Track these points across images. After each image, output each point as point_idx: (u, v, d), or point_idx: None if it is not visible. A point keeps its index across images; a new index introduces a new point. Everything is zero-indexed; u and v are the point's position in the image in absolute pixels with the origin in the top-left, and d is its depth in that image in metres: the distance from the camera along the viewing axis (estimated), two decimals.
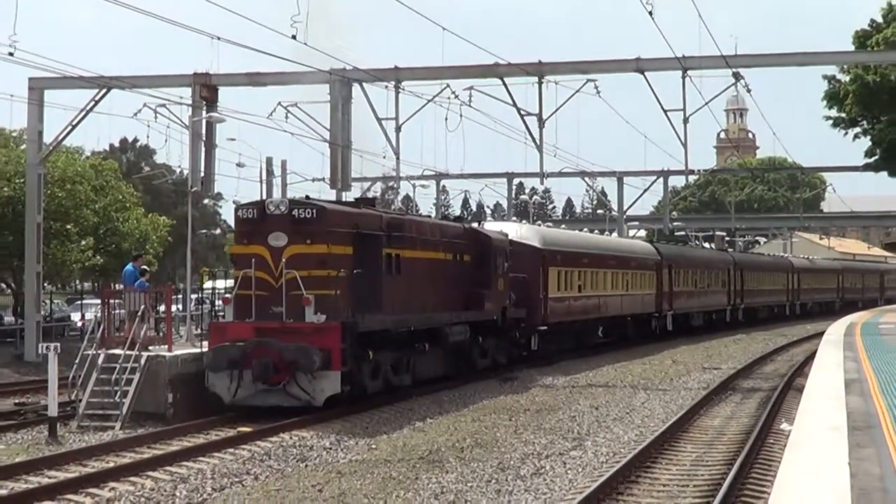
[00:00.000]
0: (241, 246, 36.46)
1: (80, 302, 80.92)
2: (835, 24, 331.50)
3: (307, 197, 39.19)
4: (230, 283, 40.72)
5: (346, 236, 35.77)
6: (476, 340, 45.46)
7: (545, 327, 53.74)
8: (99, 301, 46.46)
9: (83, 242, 67.79)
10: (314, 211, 35.18)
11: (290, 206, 35.27)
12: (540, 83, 52.20)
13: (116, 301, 40.58)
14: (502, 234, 50.52)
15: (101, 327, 37.81)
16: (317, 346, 33.00)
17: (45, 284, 65.16)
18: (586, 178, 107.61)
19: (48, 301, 71.75)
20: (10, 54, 40.92)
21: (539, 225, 71.80)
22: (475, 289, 45.24)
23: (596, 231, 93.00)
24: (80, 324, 68.35)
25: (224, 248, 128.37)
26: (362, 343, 35.56)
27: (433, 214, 54.16)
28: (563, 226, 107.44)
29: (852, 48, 76.24)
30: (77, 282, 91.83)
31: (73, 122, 56.77)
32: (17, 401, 41.36)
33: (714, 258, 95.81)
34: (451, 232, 46.06)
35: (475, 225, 52.07)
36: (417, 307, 40.49)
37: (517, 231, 55.66)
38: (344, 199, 45.31)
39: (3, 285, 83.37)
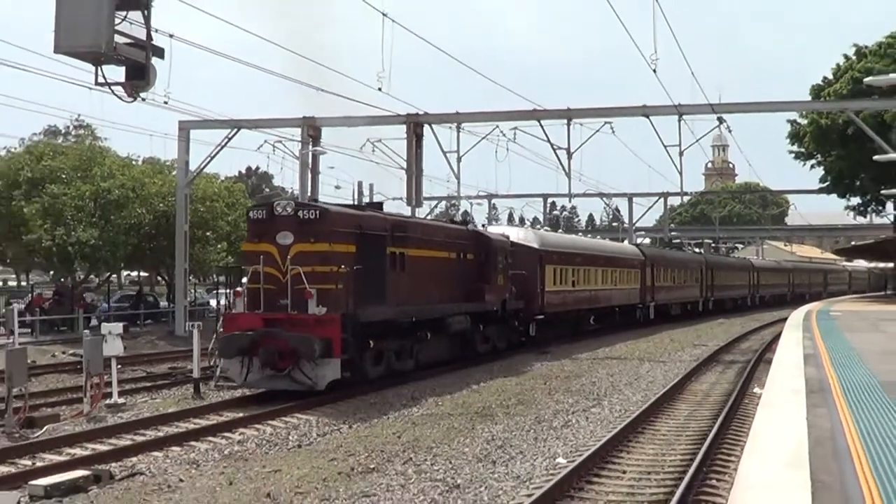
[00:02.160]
0: (252, 244, 32.49)
1: (216, 291, 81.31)
2: (796, 79, 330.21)
3: (314, 200, 37.88)
4: None
5: (348, 236, 32.17)
6: (478, 328, 42.34)
7: (542, 316, 51.35)
8: (231, 291, 46.44)
9: (218, 246, 68.44)
10: (317, 212, 31.67)
11: (296, 207, 31.91)
12: (568, 124, 52.28)
13: None
14: (503, 237, 47.93)
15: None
16: (318, 336, 29.64)
17: (190, 277, 65.46)
18: (604, 198, 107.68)
19: (192, 290, 72.11)
20: (165, 102, 41.42)
21: (539, 229, 70.66)
22: (477, 283, 41.99)
23: (618, 239, 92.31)
24: (216, 307, 68.67)
25: None
26: (364, 333, 32.05)
27: (485, 226, 53.36)
28: (559, 230, 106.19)
29: (809, 98, 76.19)
30: (214, 276, 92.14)
31: (212, 154, 57.53)
32: (170, 366, 41.68)
33: (689, 258, 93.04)
34: (455, 233, 42.74)
35: (479, 228, 49.65)
36: (420, 300, 36.73)
37: (518, 234, 53.57)
38: (354, 203, 42.92)
39: (160, 278, 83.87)
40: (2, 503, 17.68)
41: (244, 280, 33.31)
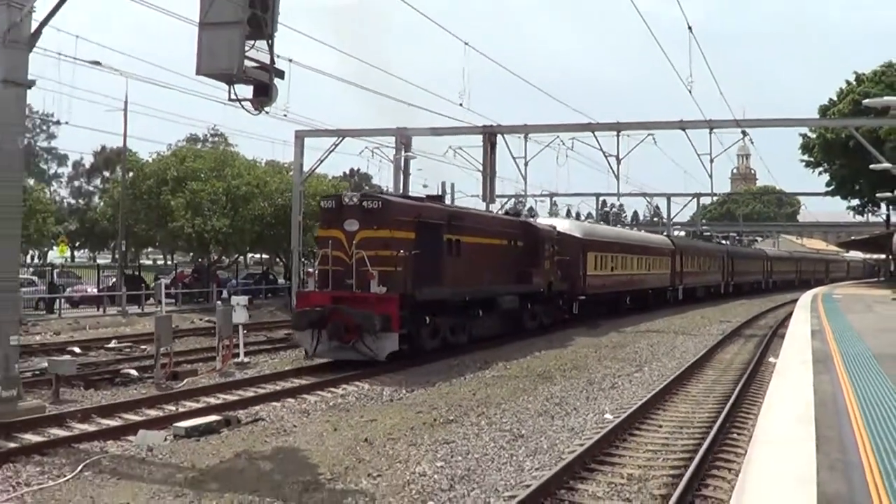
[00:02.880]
0: (323, 230, 31.23)
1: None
2: (807, 100, 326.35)
3: (380, 190, 36.72)
4: None
5: (408, 224, 30.58)
6: (526, 307, 40.77)
7: (584, 297, 49.94)
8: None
9: None
10: (380, 203, 30.24)
11: (361, 198, 30.35)
12: (618, 135, 51.82)
13: None
14: (550, 227, 46.70)
15: None
16: (379, 313, 28.44)
17: (303, 260, 65.83)
18: (646, 197, 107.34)
19: (305, 270, 72.47)
20: (285, 115, 41.84)
21: (582, 221, 69.85)
22: (526, 268, 40.52)
23: (658, 232, 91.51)
24: None
25: None
26: (421, 310, 30.69)
27: (535, 217, 53.11)
28: (599, 222, 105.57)
29: (818, 116, 75.54)
30: None
31: (321, 158, 57.96)
32: (286, 332, 41.76)
33: (713, 248, 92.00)
34: (507, 223, 41.19)
35: (528, 218, 48.82)
36: (474, 281, 35.06)
37: (563, 225, 52.41)
38: (416, 195, 41.35)
39: (278, 259, 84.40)
40: (152, 440, 17.93)
41: (316, 262, 31.87)
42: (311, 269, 32.08)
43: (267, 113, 20.58)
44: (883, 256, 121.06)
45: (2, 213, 20.08)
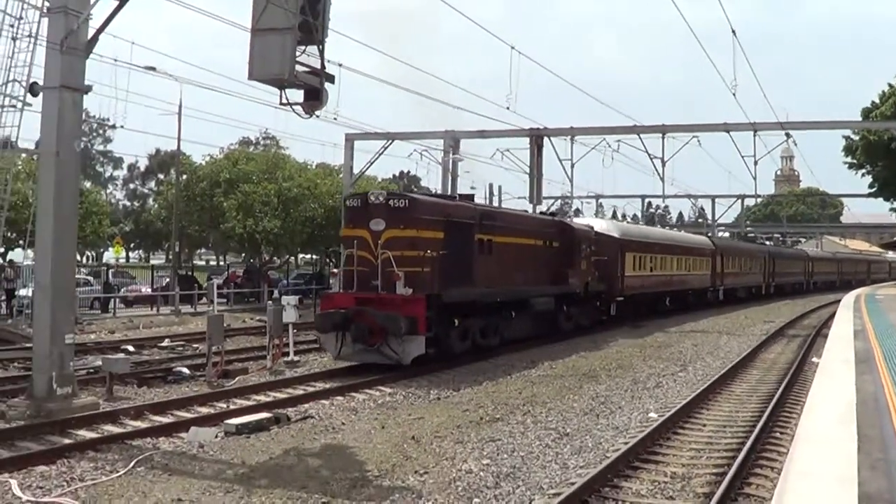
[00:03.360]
0: (348, 229, 29.72)
1: None
2: (849, 101, 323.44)
3: (405, 189, 36.04)
4: None
5: (436, 223, 29.18)
6: (562, 308, 39.44)
7: (622, 298, 48.56)
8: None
9: None
10: (406, 201, 29.10)
11: (388, 197, 29.29)
12: (663, 137, 51.46)
13: None
14: (588, 227, 45.61)
15: None
16: (404, 315, 27.11)
17: None
18: (691, 199, 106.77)
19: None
20: (335, 119, 42.04)
21: (620, 221, 69.31)
22: (561, 268, 39.07)
23: (702, 234, 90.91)
24: None
25: None
26: (449, 312, 29.39)
27: (571, 217, 52.64)
28: (640, 222, 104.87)
29: (860, 118, 74.94)
30: None
31: (371, 160, 57.61)
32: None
33: (754, 249, 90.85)
34: (542, 223, 39.64)
35: (566, 219, 47.60)
36: (506, 282, 33.63)
37: (601, 225, 51.06)
38: (452, 195, 40.63)
39: (328, 260, 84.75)
40: (203, 437, 18.03)
41: (341, 262, 30.57)
42: (335, 270, 31.19)
43: (318, 117, 20.72)
44: None
45: (59, 215, 20.26)
